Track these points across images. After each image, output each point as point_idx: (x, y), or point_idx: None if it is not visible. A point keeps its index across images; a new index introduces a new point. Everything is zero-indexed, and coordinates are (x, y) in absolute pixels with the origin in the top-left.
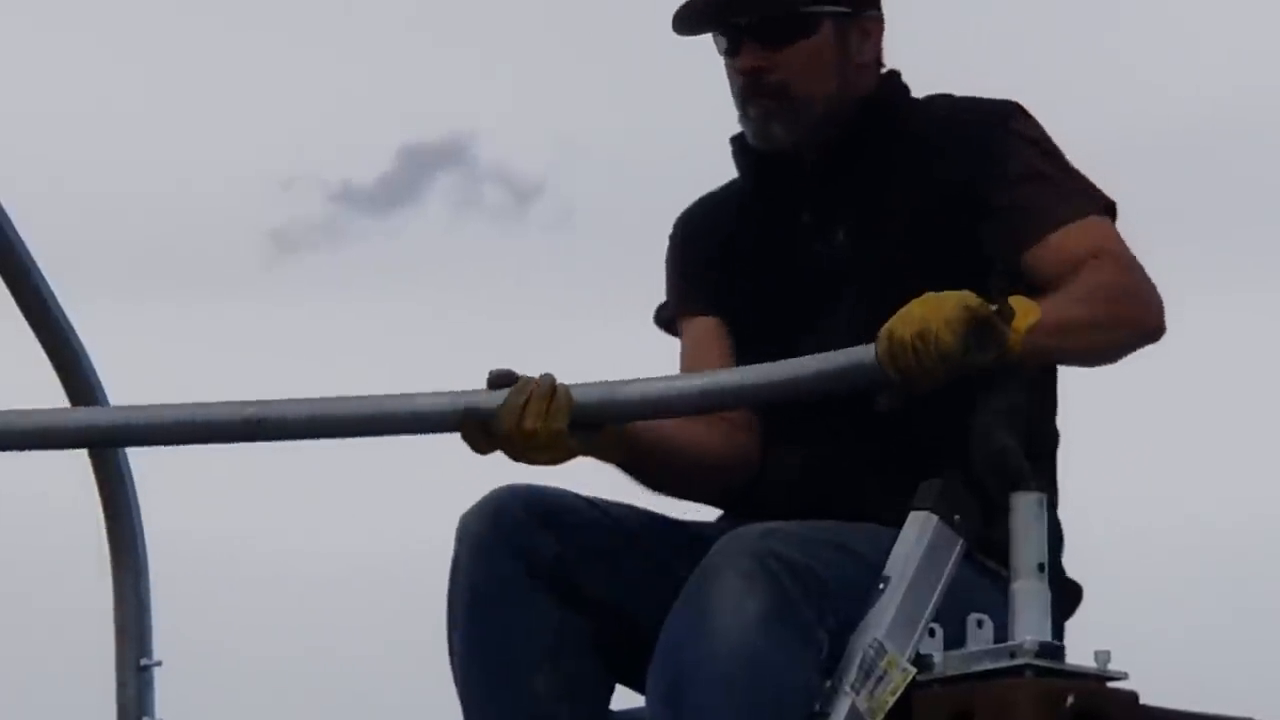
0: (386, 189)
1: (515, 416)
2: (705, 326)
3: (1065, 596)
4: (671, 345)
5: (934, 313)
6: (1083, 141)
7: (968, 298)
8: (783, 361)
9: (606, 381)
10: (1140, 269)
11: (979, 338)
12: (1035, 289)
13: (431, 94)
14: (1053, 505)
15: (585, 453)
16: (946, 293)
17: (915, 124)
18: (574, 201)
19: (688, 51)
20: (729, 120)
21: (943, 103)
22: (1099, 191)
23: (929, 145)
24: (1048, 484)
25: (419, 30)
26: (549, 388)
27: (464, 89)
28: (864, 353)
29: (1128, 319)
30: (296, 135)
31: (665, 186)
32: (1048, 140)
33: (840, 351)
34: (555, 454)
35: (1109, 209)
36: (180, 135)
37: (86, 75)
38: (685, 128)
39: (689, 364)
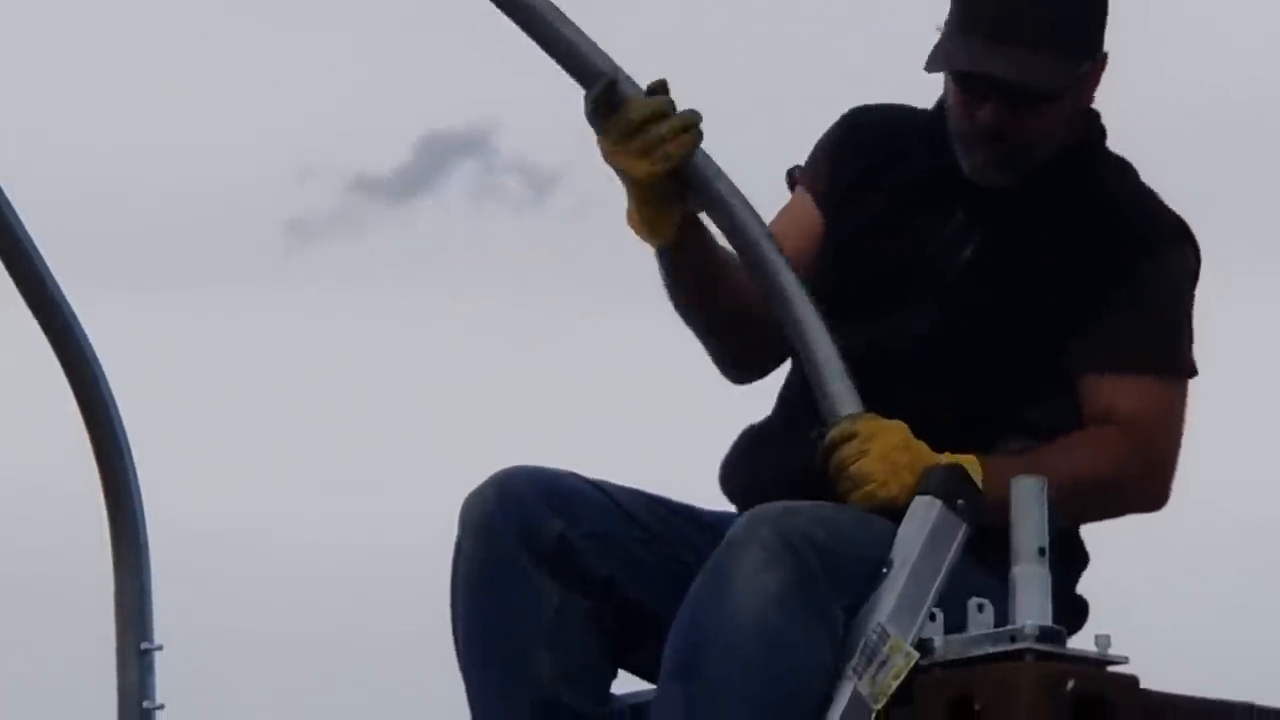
0: (405, 178)
1: (634, 122)
2: (808, 217)
3: (1072, 614)
4: (685, 346)
5: (881, 475)
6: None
7: (914, 487)
8: (825, 332)
9: (729, 182)
10: (1160, 456)
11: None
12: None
13: (453, 84)
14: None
15: (653, 197)
16: (909, 468)
17: (1093, 188)
18: (592, 193)
19: (705, 48)
20: (743, 115)
21: (1125, 183)
22: (1190, 356)
23: (1093, 223)
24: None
25: (440, 20)
26: (689, 124)
27: (486, 79)
28: (845, 407)
29: (1087, 511)
30: (315, 124)
31: None
32: (1187, 284)
33: (847, 387)
34: (638, 171)
35: (1188, 375)
36: (196, 124)
37: (102, 63)
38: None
39: (773, 226)
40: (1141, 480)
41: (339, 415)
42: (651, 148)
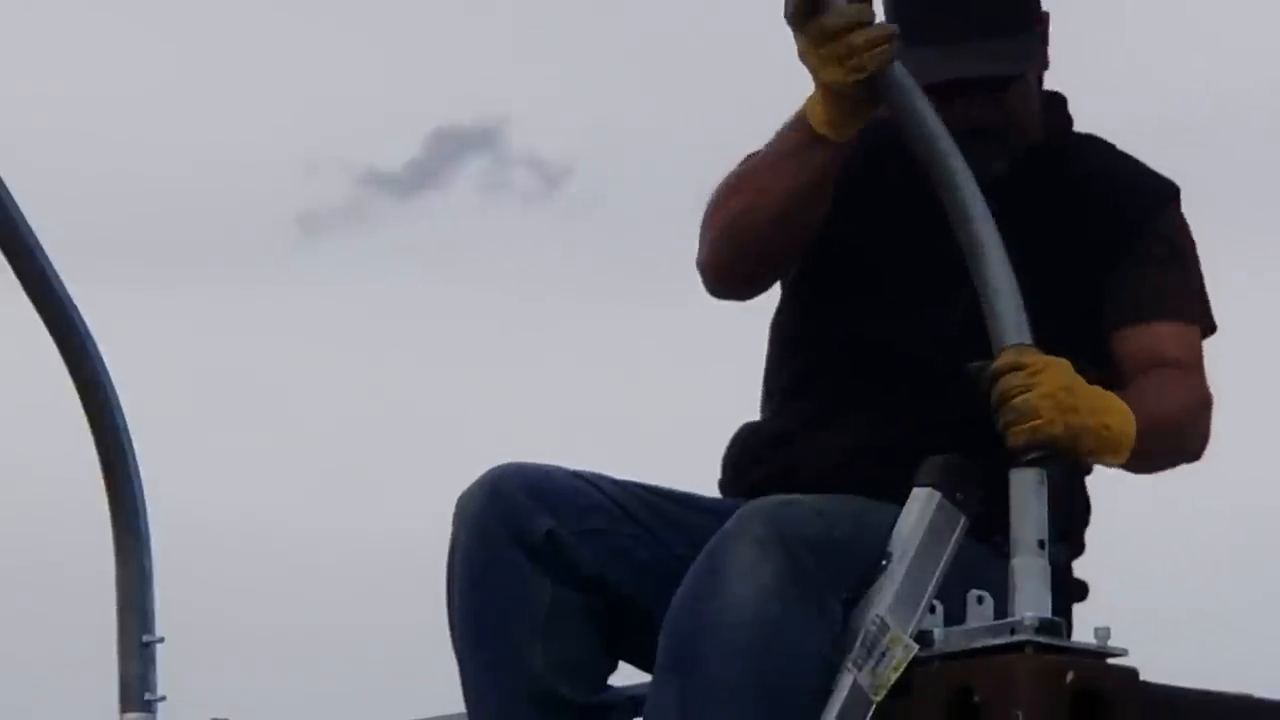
0: (415, 173)
1: (833, 29)
2: None
3: (1072, 593)
4: (694, 340)
5: (1048, 412)
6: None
7: (1087, 444)
8: (1003, 254)
9: (923, 96)
10: (1208, 399)
11: (1050, 453)
12: (1109, 364)
13: (463, 78)
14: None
15: (841, 100)
16: (1074, 410)
17: (1081, 164)
18: (602, 187)
19: (718, 40)
20: (756, 106)
21: (1105, 153)
22: (1210, 308)
23: (1086, 194)
24: (1080, 501)
25: (452, 14)
26: (888, 36)
27: (497, 74)
28: (1012, 334)
29: (1161, 455)
30: (325, 117)
31: (691, 172)
32: (1191, 236)
33: (1018, 314)
34: (830, 77)
35: (1209, 329)
36: (207, 116)
37: (112, 57)
38: (713, 114)
39: None
40: (1199, 421)
41: (345, 408)
42: (846, 56)
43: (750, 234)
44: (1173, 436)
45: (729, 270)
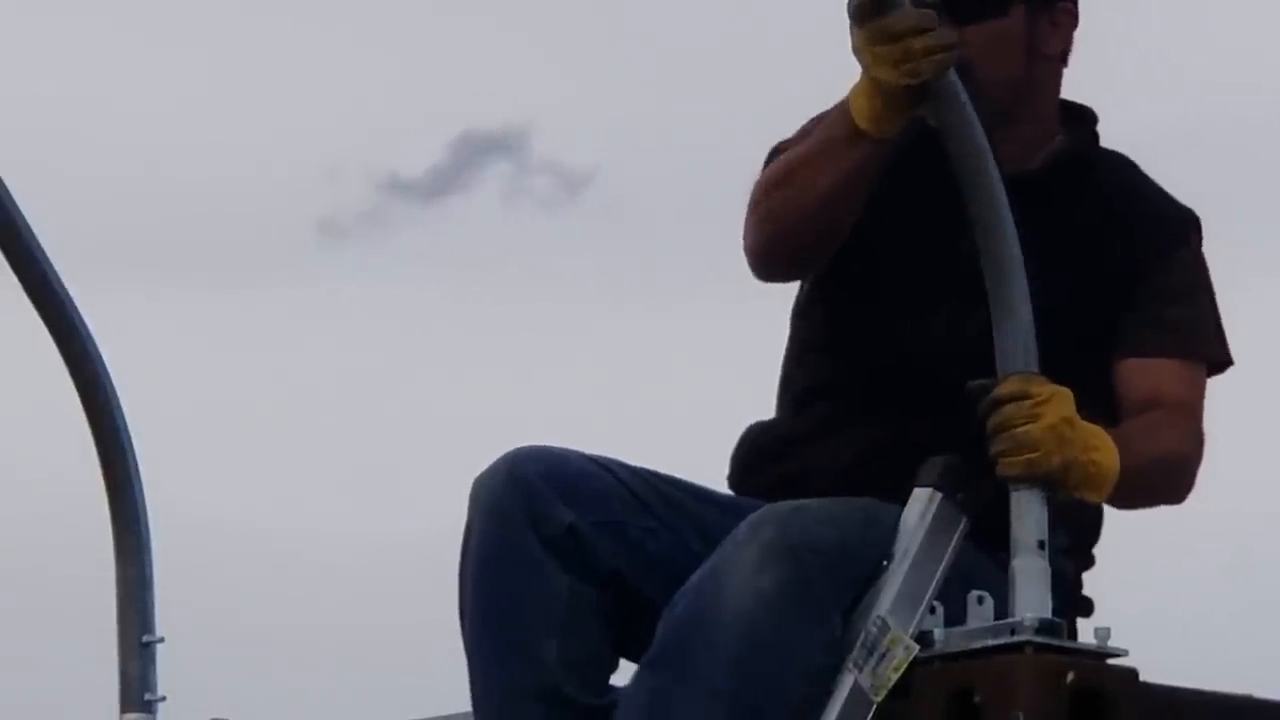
0: (437, 178)
1: (895, 31)
2: None
3: (1078, 607)
4: (713, 342)
5: (1048, 446)
6: (1119, 134)
7: (1075, 485)
8: (1024, 279)
9: (971, 108)
10: (1203, 441)
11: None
12: (1108, 394)
13: (486, 85)
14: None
15: (889, 97)
16: (1074, 444)
17: (1098, 184)
18: (623, 193)
19: (738, 48)
20: (776, 113)
21: (1129, 174)
22: (1225, 342)
23: (1108, 216)
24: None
25: (475, 21)
26: (947, 45)
27: (519, 80)
28: (1018, 362)
29: (1155, 493)
30: (347, 124)
31: (711, 178)
32: (1207, 269)
33: (1028, 342)
34: (883, 76)
35: (1222, 365)
36: (230, 122)
37: (133, 63)
38: (733, 121)
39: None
40: (1187, 467)
41: (361, 410)
42: (903, 59)
43: (792, 227)
44: (1155, 480)
45: (773, 258)
